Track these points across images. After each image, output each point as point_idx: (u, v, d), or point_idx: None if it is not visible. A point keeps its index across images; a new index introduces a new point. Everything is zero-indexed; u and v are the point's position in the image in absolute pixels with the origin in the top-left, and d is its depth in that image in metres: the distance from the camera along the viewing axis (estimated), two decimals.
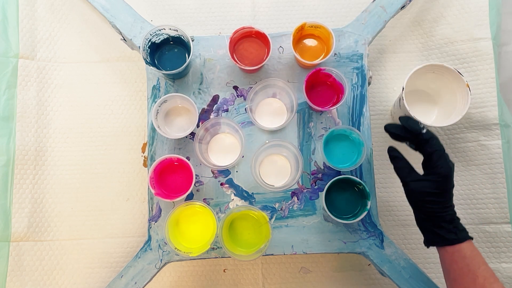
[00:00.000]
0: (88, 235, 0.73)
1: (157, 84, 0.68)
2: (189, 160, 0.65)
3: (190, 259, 0.68)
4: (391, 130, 0.58)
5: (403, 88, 0.66)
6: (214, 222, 0.61)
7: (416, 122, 0.56)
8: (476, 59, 0.74)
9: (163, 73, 0.64)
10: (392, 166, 0.75)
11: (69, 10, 0.80)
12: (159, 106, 0.63)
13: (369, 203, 0.60)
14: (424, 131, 0.55)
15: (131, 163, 0.75)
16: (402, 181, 0.56)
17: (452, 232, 0.52)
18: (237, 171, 0.66)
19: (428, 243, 0.55)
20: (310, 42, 0.68)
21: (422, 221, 0.55)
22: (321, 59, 0.66)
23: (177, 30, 0.65)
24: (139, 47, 0.64)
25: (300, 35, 0.68)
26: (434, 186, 0.53)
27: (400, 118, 0.57)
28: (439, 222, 0.52)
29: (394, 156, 0.58)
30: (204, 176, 0.66)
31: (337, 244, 0.65)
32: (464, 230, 0.53)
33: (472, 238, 0.52)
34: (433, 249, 0.73)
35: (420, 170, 0.56)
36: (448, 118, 0.67)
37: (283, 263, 0.74)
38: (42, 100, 0.76)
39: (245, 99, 0.68)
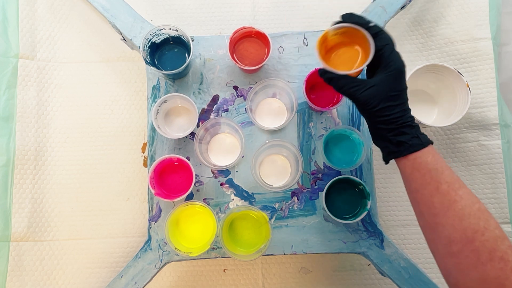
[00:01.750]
0: (88, 235, 0.73)
1: (157, 84, 0.68)
2: (189, 160, 0.65)
3: (190, 259, 0.68)
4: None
5: None
6: (214, 222, 0.61)
7: (361, 17, 0.49)
8: (476, 59, 0.74)
9: (163, 73, 0.64)
10: (392, 166, 0.75)
11: (69, 10, 0.80)
12: (159, 106, 0.63)
13: (369, 203, 0.60)
14: (371, 24, 0.48)
15: (131, 163, 0.75)
16: (352, 97, 0.49)
17: (415, 137, 0.47)
18: (237, 171, 0.66)
19: (389, 156, 0.49)
20: (341, 51, 0.55)
21: (382, 132, 0.48)
22: (361, 64, 0.51)
23: (177, 30, 0.65)
24: (139, 47, 0.64)
25: (326, 47, 0.54)
26: (389, 87, 0.47)
27: (343, 16, 0.50)
28: (401, 128, 0.47)
29: (330, 77, 0.50)
30: (204, 176, 0.66)
31: (337, 244, 0.65)
32: (424, 134, 0.48)
33: (432, 143, 0.48)
34: None
35: None
36: (448, 118, 0.68)
37: (283, 263, 0.74)
38: (42, 100, 0.76)
39: (245, 99, 0.68)
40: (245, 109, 0.67)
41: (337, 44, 0.54)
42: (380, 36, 0.48)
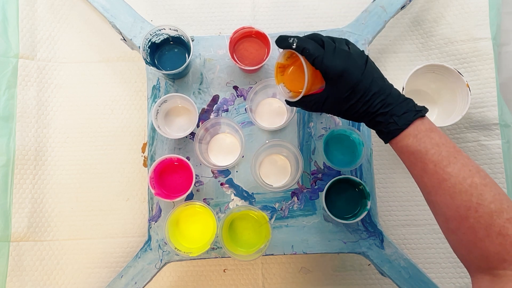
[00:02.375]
0: (88, 235, 0.73)
1: (157, 84, 0.68)
2: (189, 160, 0.65)
3: (190, 259, 0.68)
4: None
5: (403, 88, 0.66)
6: (214, 222, 0.61)
7: (286, 39, 0.48)
8: (476, 59, 0.74)
9: (163, 73, 0.64)
10: (392, 166, 0.75)
11: (69, 10, 0.80)
12: (159, 106, 0.63)
13: (369, 203, 0.60)
14: (294, 45, 0.48)
15: (131, 163, 0.75)
16: (320, 112, 0.51)
17: (391, 122, 0.46)
18: (237, 171, 0.66)
19: (385, 141, 0.49)
20: (295, 69, 0.55)
21: (367, 125, 0.49)
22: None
23: (177, 30, 0.64)
24: (139, 47, 0.64)
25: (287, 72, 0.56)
26: (337, 93, 0.47)
27: (275, 42, 0.50)
28: (375, 119, 0.47)
29: (294, 104, 0.53)
30: (204, 176, 0.66)
31: (337, 244, 0.65)
32: (406, 113, 0.45)
33: (422, 116, 0.45)
34: (433, 249, 0.73)
35: None
36: (448, 118, 0.68)
37: (283, 263, 0.74)
38: (42, 100, 0.76)
39: (245, 99, 0.68)
40: (245, 109, 0.67)
41: (293, 63, 0.54)
42: (306, 54, 0.47)
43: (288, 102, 0.55)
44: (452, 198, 0.42)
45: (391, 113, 0.46)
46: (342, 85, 0.46)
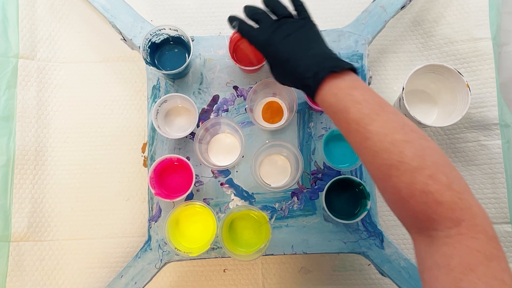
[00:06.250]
0: (88, 235, 0.73)
1: (157, 84, 0.68)
2: (189, 160, 0.65)
3: (190, 259, 0.68)
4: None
5: (403, 88, 0.66)
6: (214, 222, 0.61)
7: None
8: (476, 59, 0.74)
9: (163, 73, 0.64)
10: None
11: (69, 10, 0.80)
12: (159, 106, 0.63)
13: (369, 203, 0.60)
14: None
15: (131, 163, 0.75)
16: (252, 42, 0.54)
17: (308, 77, 0.45)
18: (237, 171, 0.66)
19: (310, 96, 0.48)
20: None
21: (307, 88, 0.47)
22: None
23: (177, 30, 0.65)
24: (139, 47, 0.64)
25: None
26: (270, 62, 0.51)
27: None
28: (294, 77, 0.48)
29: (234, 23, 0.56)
30: (204, 176, 0.66)
31: (337, 244, 0.65)
32: (323, 69, 0.44)
33: (341, 71, 0.43)
34: None
35: None
36: (448, 118, 0.67)
37: (283, 263, 0.74)
38: (42, 100, 0.76)
39: (245, 99, 0.68)
40: (245, 109, 0.67)
41: None
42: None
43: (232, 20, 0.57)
44: (374, 157, 0.40)
45: (313, 71, 0.45)
46: (265, 55, 0.52)
